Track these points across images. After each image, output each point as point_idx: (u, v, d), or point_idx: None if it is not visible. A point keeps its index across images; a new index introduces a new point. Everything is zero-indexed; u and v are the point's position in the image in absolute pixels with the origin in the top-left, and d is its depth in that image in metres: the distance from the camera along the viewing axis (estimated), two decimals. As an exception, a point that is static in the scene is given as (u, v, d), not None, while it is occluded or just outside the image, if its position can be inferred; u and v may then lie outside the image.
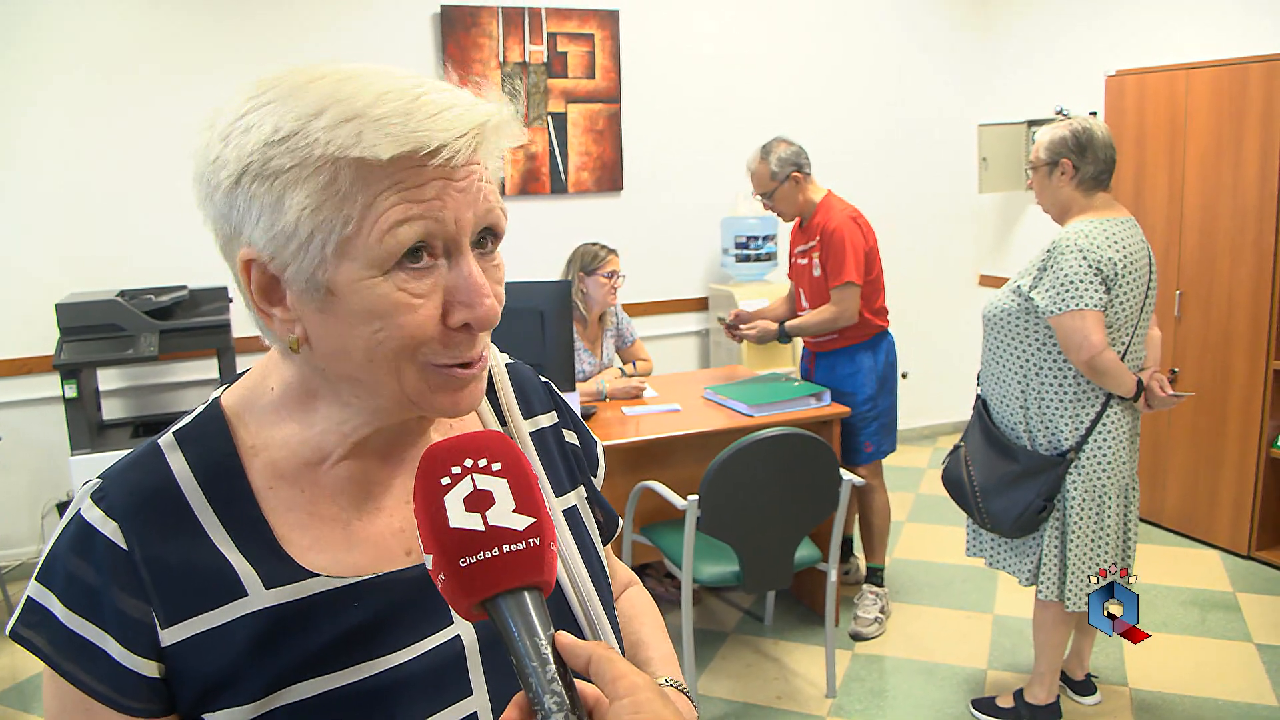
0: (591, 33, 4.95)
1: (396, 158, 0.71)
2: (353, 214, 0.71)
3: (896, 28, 5.63)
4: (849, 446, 3.81)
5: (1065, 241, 2.71)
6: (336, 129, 0.71)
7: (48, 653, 0.77)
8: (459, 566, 0.67)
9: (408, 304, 0.74)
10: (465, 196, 0.75)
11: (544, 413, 1.02)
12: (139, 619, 0.76)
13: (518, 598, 0.68)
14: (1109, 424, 2.80)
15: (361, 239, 0.72)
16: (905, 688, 3.38)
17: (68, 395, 3.69)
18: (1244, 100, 4.07)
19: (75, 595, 0.77)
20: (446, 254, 0.76)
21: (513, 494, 0.70)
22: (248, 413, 0.85)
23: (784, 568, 3.16)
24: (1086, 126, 2.79)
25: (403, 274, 0.73)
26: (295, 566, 0.80)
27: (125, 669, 0.76)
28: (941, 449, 5.86)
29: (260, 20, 4.36)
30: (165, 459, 0.82)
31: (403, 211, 0.72)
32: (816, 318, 3.78)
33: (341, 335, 0.75)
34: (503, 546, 0.68)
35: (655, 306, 5.26)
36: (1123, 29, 4.92)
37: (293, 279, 0.75)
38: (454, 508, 0.69)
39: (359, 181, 0.71)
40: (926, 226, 5.89)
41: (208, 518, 0.80)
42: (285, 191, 0.72)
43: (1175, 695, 3.23)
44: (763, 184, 3.82)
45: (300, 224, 0.72)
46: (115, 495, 0.79)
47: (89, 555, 0.77)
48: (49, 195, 4.17)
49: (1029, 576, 2.94)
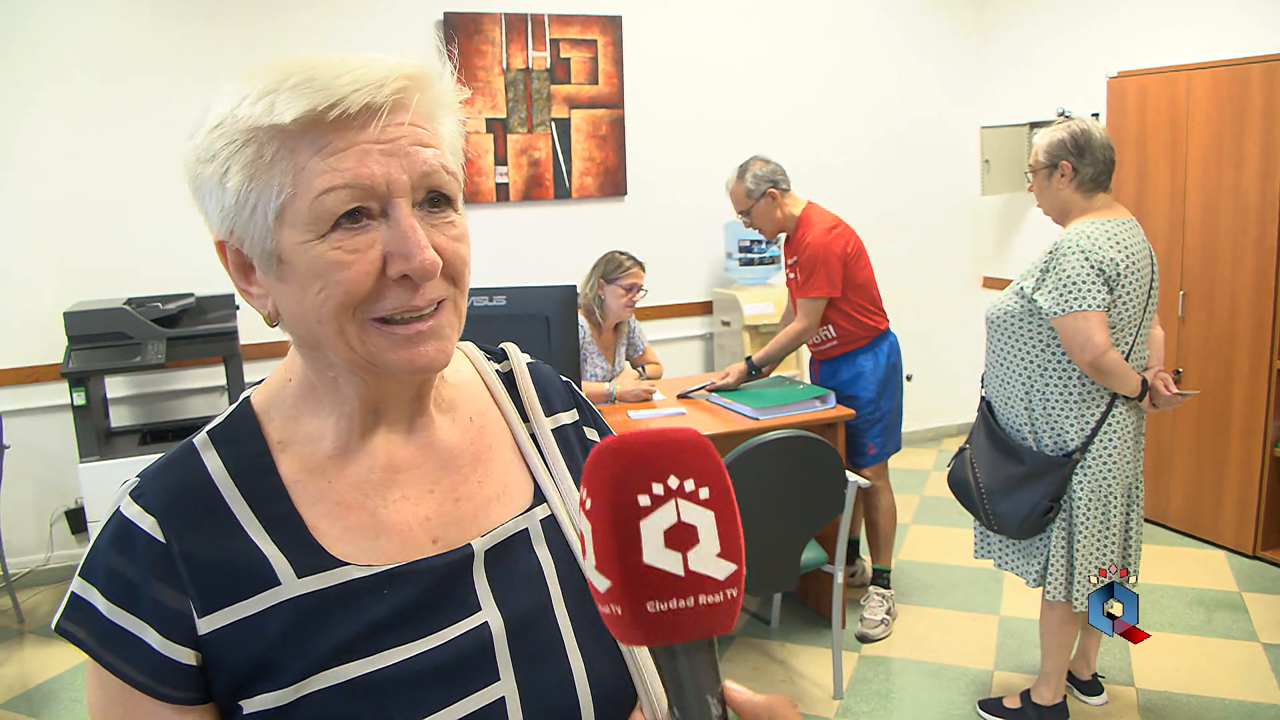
0: (594, 39, 4.97)
1: (306, 120, 0.74)
2: (285, 182, 0.76)
3: (897, 30, 5.65)
4: (853, 449, 3.83)
5: (1067, 243, 2.72)
6: (256, 104, 0.75)
7: (91, 645, 0.79)
8: (644, 610, 0.60)
9: (342, 261, 0.77)
10: (393, 159, 0.77)
11: (565, 410, 1.03)
12: (177, 609, 0.79)
13: (699, 650, 0.61)
14: (1114, 424, 2.81)
15: (296, 206, 0.76)
16: (912, 689, 3.39)
17: (76, 403, 3.70)
18: (1245, 101, 4.08)
19: (116, 589, 0.80)
20: (384, 213, 0.78)
21: (719, 533, 0.62)
22: (274, 409, 0.89)
23: (790, 570, 3.17)
24: (1084, 128, 2.80)
25: (338, 234, 0.77)
26: (326, 556, 0.82)
27: (164, 658, 0.78)
28: (946, 451, 5.87)
29: (264, 27, 4.39)
30: (200, 457, 0.85)
31: (328, 180, 0.75)
32: (781, 339, 3.84)
33: (297, 301, 0.79)
34: (699, 597, 0.61)
35: (659, 310, 5.27)
36: (1124, 30, 4.93)
37: (250, 252, 0.80)
38: (651, 539, 0.60)
39: (283, 149, 0.76)
40: (929, 229, 5.90)
41: (242, 511, 0.83)
42: (226, 170, 0.77)
43: (1181, 695, 3.24)
44: (739, 202, 3.86)
45: (241, 197, 0.77)
46: (153, 492, 0.82)
47: (129, 550, 0.80)
48: (56, 203, 4.20)
49: (1036, 577, 2.95)
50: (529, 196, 4.99)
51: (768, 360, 3.86)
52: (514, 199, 4.94)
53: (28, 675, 3.55)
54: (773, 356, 3.85)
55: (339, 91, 0.74)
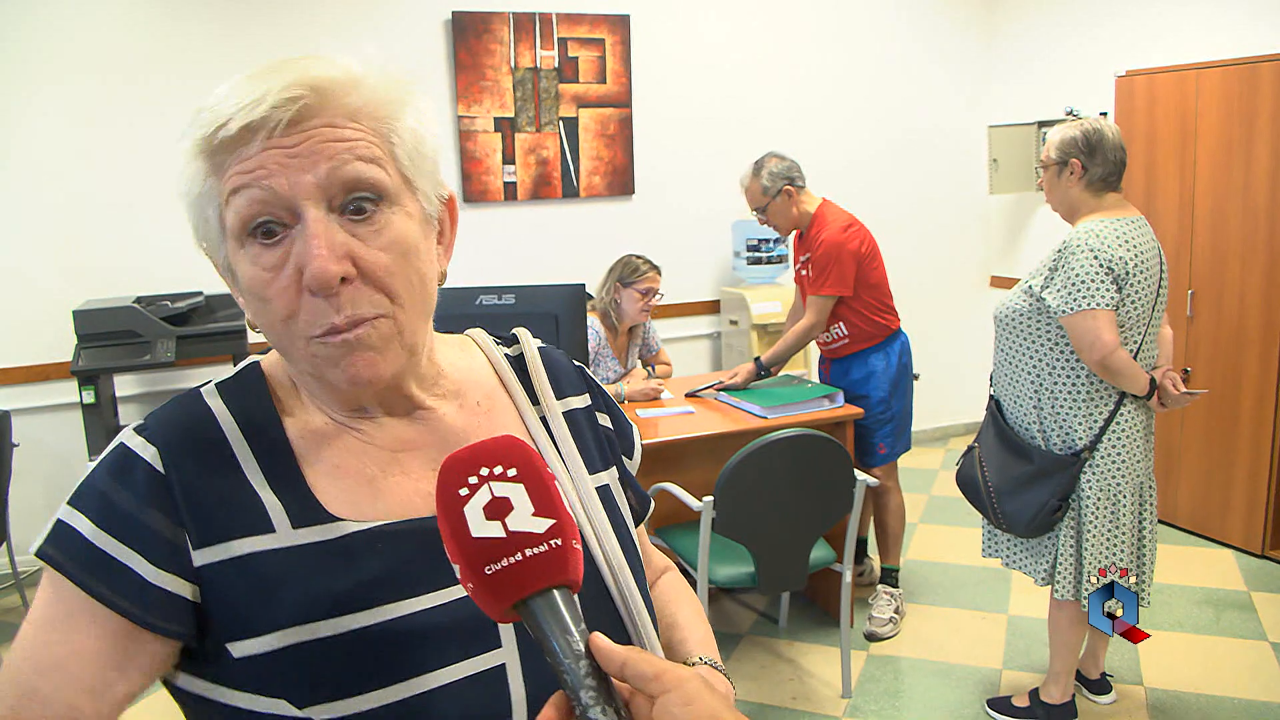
0: (602, 38, 4.97)
1: (204, 144, 0.77)
2: (212, 199, 0.79)
3: (905, 30, 5.64)
4: (863, 448, 3.83)
5: (1076, 241, 2.72)
6: (188, 129, 0.79)
7: (70, 569, 0.77)
8: (485, 575, 0.68)
9: (263, 278, 0.78)
10: (297, 161, 0.76)
11: (576, 395, 1.04)
12: (171, 539, 0.79)
13: (547, 598, 0.69)
14: (1123, 423, 2.81)
15: (224, 218, 0.79)
16: (920, 688, 3.39)
17: (85, 401, 3.72)
18: (1254, 100, 4.07)
19: (106, 515, 0.79)
20: (297, 223, 0.78)
21: (530, 498, 0.71)
22: (280, 376, 0.90)
23: (799, 569, 3.17)
24: (1097, 128, 2.80)
25: (256, 247, 0.78)
26: (322, 510, 0.83)
27: (154, 586, 0.77)
28: (954, 450, 5.86)
29: (271, 26, 4.40)
30: (206, 402, 0.86)
31: (234, 182, 0.77)
32: (789, 338, 3.82)
33: (253, 313, 0.82)
34: (525, 551, 0.68)
35: (667, 309, 5.27)
36: (1132, 29, 4.92)
37: (221, 264, 0.84)
38: (474, 517, 0.69)
39: (208, 164, 0.78)
40: (937, 228, 5.90)
41: (245, 457, 0.83)
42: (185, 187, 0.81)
43: (1190, 694, 3.23)
44: (755, 199, 3.85)
45: (193, 210, 0.81)
46: (157, 427, 0.83)
47: (126, 478, 0.80)
48: (65, 202, 4.21)
49: (1045, 576, 2.95)
50: (537, 195, 4.99)
51: (776, 360, 3.86)
52: (522, 198, 4.94)
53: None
54: (781, 356, 3.85)
55: (222, 114, 0.76)
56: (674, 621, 1.07)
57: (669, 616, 1.07)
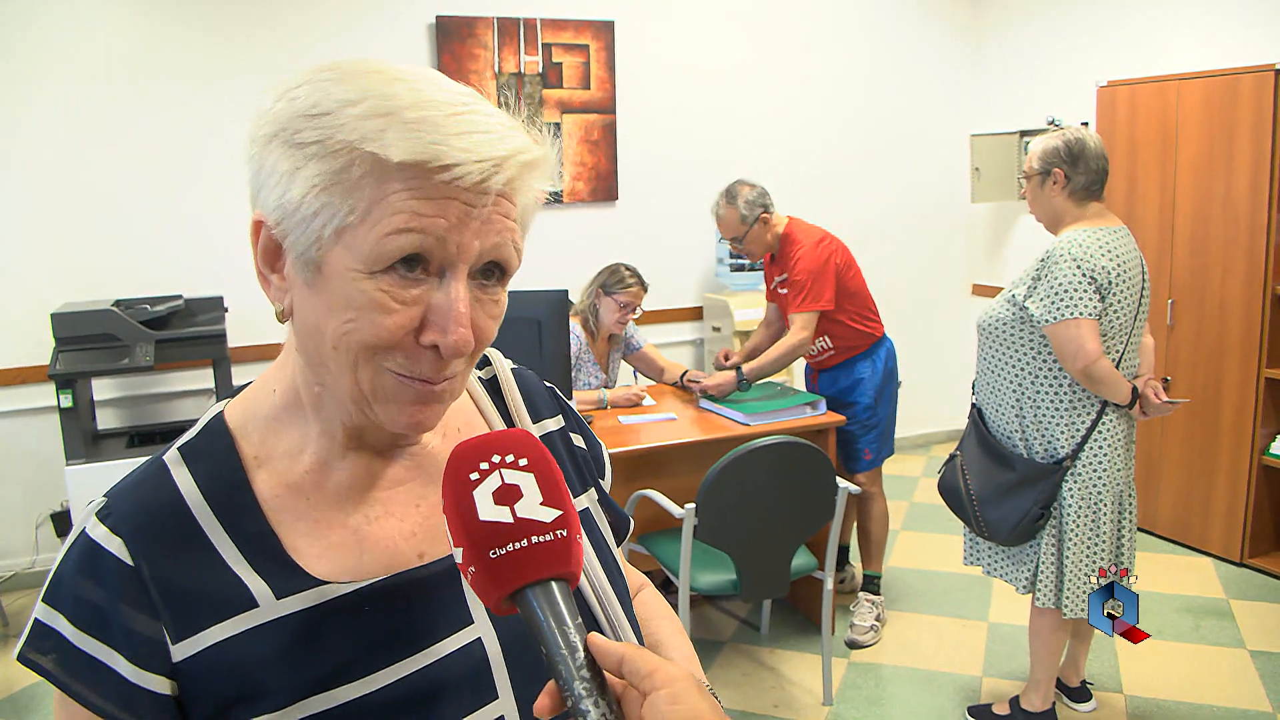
0: (586, 44, 4.97)
1: (408, 164, 0.71)
2: (358, 205, 0.71)
3: (889, 39, 5.67)
4: (849, 454, 3.83)
5: (1059, 250, 2.73)
6: (366, 120, 0.71)
7: (56, 674, 0.76)
8: (489, 558, 0.68)
9: (385, 306, 0.73)
10: (477, 225, 0.74)
11: (550, 417, 1.02)
12: (149, 635, 0.76)
13: (545, 588, 0.69)
14: (1105, 431, 2.81)
15: (361, 232, 0.72)
16: (902, 695, 3.39)
17: (63, 405, 3.67)
18: (1235, 110, 4.10)
19: (83, 615, 0.76)
20: (440, 273, 0.75)
21: (540, 488, 0.72)
22: (250, 424, 0.85)
23: (781, 576, 3.17)
24: (1080, 137, 2.81)
25: (391, 278, 0.73)
26: (304, 575, 0.79)
27: (135, 686, 0.75)
28: (936, 457, 5.88)
29: (254, 31, 4.37)
30: (170, 475, 0.82)
31: (405, 220, 0.71)
32: (775, 354, 3.77)
33: (319, 315, 0.75)
34: (531, 538, 0.69)
35: (651, 316, 5.25)
36: (1114, 40, 4.96)
37: (290, 249, 0.75)
38: (483, 501, 0.70)
39: (371, 176, 0.71)
40: (920, 236, 5.92)
41: (215, 532, 0.79)
42: (303, 165, 0.72)
43: (1170, 701, 3.24)
44: (733, 229, 3.82)
45: (306, 199, 0.72)
46: (120, 512, 0.79)
47: (95, 573, 0.77)
48: (44, 204, 4.17)
49: (1026, 584, 2.95)
50: (520, 201, 4.96)
51: (760, 374, 3.83)
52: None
53: (13, 679, 3.52)
54: (765, 371, 3.81)
55: (455, 155, 0.71)
56: (658, 640, 1.06)
57: (651, 635, 1.06)
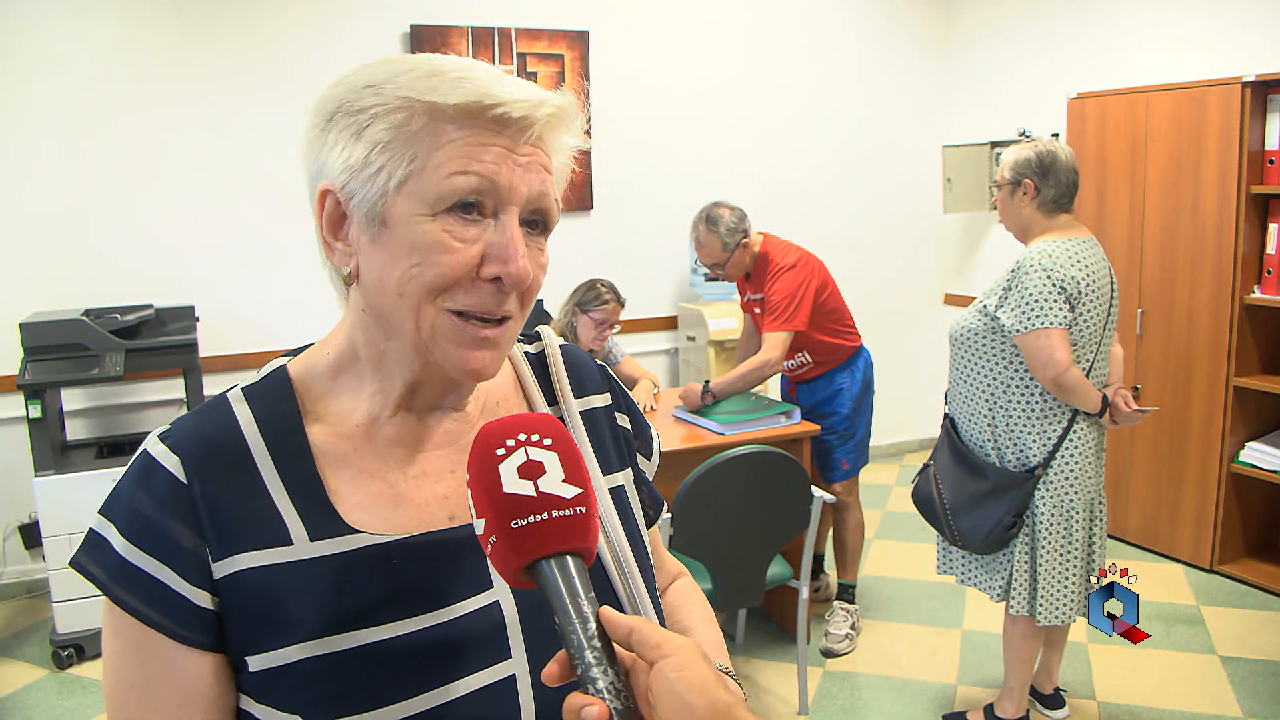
0: (561, 53, 4.97)
1: (464, 108, 0.79)
2: (419, 153, 0.80)
3: (862, 51, 5.71)
4: (826, 464, 3.84)
5: (1030, 261, 2.75)
6: (418, 80, 0.80)
7: (105, 582, 0.81)
8: (510, 528, 0.72)
9: (448, 244, 0.80)
10: (522, 172, 0.82)
11: (597, 394, 1.06)
12: (194, 550, 0.81)
13: (561, 561, 0.73)
14: (1075, 440, 2.84)
15: (423, 178, 0.80)
16: (877, 704, 3.39)
17: (31, 415, 3.62)
18: (1203, 123, 4.15)
19: (135, 527, 0.82)
20: (495, 215, 0.82)
21: (562, 466, 0.75)
22: (309, 378, 0.92)
23: (756, 585, 3.17)
24: (1051, 149, 2.84)
25: (451, 218, 0.80)
26: (340, 522, 0.85)
27: (181, 598, 0.80)
28: (909, 466, 5.91)
29: (227, 40, 4.34)
30: (232, 408, 0.88)
31: (463, 164, 0.79)
32: (744, 371, 3.69)
33: (384, 266, 0.82)
34: (551, 512, 0.72)
35: (626, 325, 5.25)
36: (1084, 52, 5.01)
37: (356, 209, 0.82)
38: (508, 475, 0.73)
39: (429, 126, 0.80)
40: (892, 246, 5.96)
41: (266, 467, 0.85)
42: (366, 126, 0.81)
43: (1142, 707, 3.27)
44: (715, 255, 3.74)
45: (372, 156, 0.80)
46: (180, 435, 0.85)
47: (150, 487, 0.83)
48: (12, 213, 4.12)
49: (1000, 592, 2.97)
50: (495, 210, 4.95)
51: (727, 393, 3.74)
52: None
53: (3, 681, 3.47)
54: (733, 389, 3.73)
55: (502, 95, 0.80)
56: (685, 626, 1.10)
57: (679, 621, 1.11)
